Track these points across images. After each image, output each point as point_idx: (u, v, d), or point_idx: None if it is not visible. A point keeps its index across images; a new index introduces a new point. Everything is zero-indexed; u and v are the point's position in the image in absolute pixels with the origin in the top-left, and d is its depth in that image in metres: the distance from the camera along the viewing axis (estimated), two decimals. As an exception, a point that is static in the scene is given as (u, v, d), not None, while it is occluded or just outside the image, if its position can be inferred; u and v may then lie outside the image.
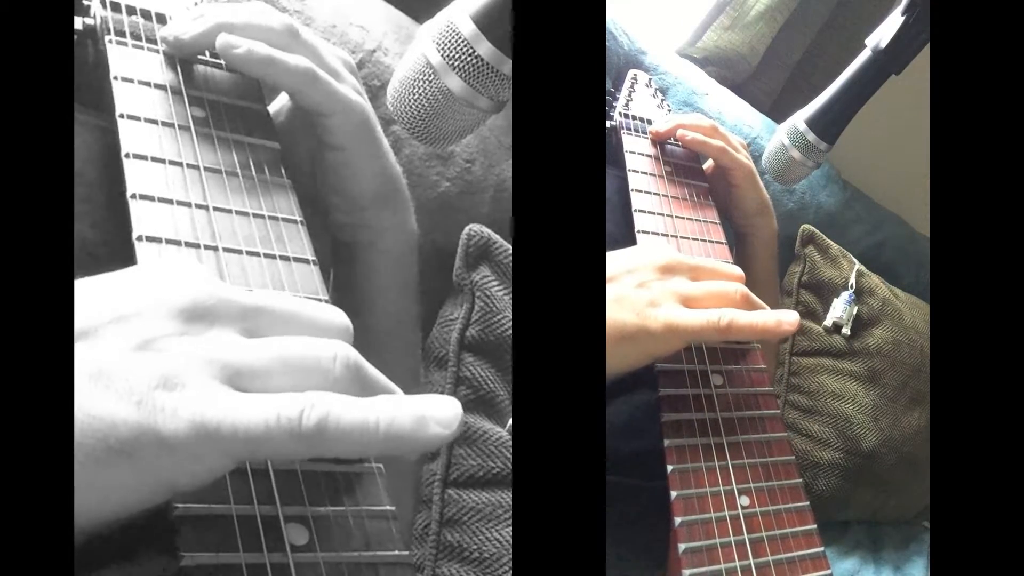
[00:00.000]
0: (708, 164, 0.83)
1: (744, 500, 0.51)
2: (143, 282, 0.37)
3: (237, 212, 0.48)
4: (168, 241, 0.45)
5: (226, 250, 0.46)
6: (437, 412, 0.36)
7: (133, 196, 0.46)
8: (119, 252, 0.45)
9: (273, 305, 0.39)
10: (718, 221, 0.73)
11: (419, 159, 0.86)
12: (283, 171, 0.53)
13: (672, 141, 0.81)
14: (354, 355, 0.38)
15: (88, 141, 0.51)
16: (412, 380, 0.62)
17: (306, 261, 0.49)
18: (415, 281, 0.63)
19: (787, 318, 0.55)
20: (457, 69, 0.53)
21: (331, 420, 0.34)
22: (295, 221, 0.50)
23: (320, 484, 0.40)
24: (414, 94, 0.55)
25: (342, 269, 0.60)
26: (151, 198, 0.46)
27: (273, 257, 0.48)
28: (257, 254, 0.47)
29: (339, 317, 0.40)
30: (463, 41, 0.53)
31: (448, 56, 0.53)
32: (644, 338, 0.53)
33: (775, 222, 0.85)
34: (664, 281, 0.56)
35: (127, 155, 0.48)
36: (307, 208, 0.52)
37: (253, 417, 0.34)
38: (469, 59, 0.53)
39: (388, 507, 0.40)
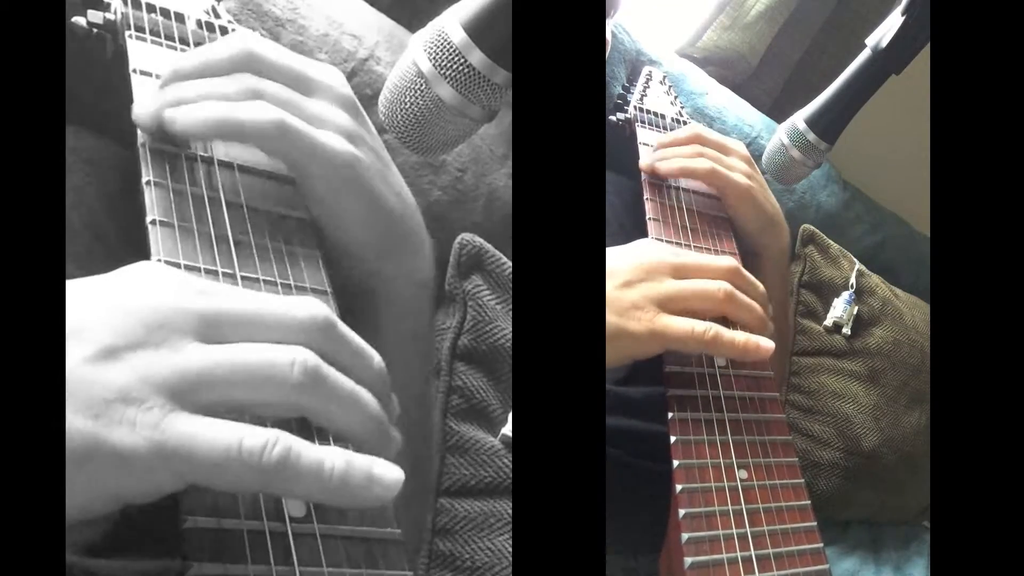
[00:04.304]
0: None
1: (743, 474, 0.53)
2: (106, 290, 0.37)
3: (257, 245, 0.48)
4: (188, 268, 0.45)
5: (244, 278, 0.46)
6: (384, 474, 0.37)
7: (152, 223, 0.46)
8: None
9: (236, 308, 0.37)
10: (731, 234, 0.73)
11: (411, 168, 0.86)
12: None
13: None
14: (313, 360, 0.37)
15: (89, 158, 0.51)
16: (418, 433, 0.58)
17: (323, 292, 0.49)
18: (424, 330, 0.59)
19: (764, 343, 0.56)
20: (448, 78, 0.53)
21: (291, 458, 0.34)
22: (314, 256, 0.50)
23: None
24: (405, 103, 0.54)
25: (348, 317, 0.57)
26: (171, 226, 0.46)
27: (290, 287, 0.48)
28: (274, 283, 0.47)
29: (305, 310, 0.39)
30: (454, 50, 0.52)
31: (439, 65, 0.53)
32: (625, 340, 0.53)
33: (786, 237, 0.79)
34: (648, 282, 0.55)
35: (147, 183, 0.48)
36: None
37: (213, 443, 0.33)
38: (460, 68, 0.53)
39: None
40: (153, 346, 0.35)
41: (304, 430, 0.38)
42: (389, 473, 0.37)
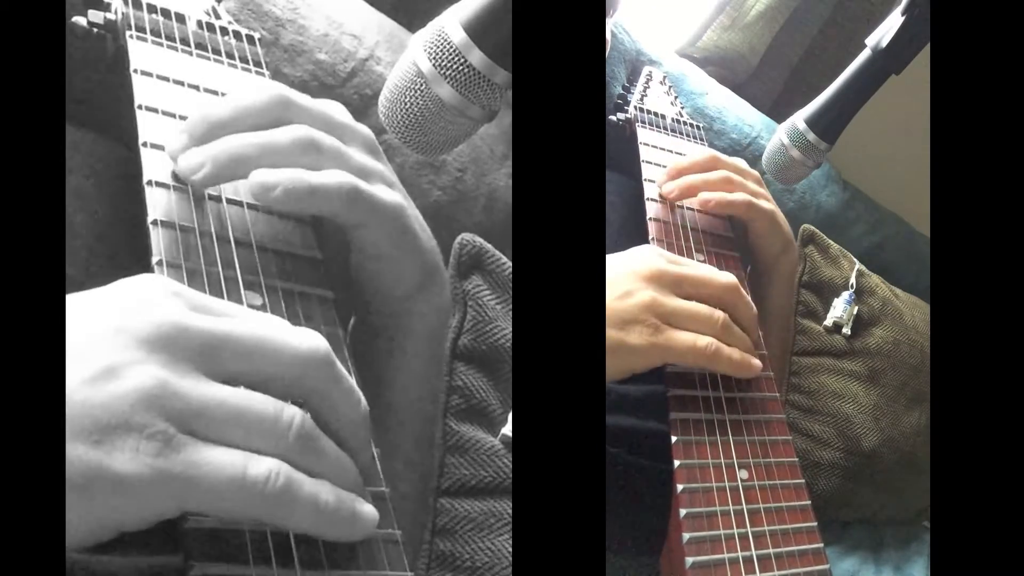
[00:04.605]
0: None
1: (743, 473, 0.53)
2: (105, 307, 0.36)
3: (258, 246, 0.48)
4: (189, 271, 0.44)
5: (246, 284, 0.46)
6: (364, 513, 0.38)
7: (154, 223, 0.46)
8: (118, 268, 0.44)
9: (237, 334, 0.37)
10: (731, 234, 0.73)
11: (411, 168, 0.86)
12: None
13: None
14: (308, 424, 0.37)
15: (91, 159, 0.51)
16: (427, 447, 0.59)
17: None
18: (441, 354, 0.60)
19: (756, 363, 0.57)
20: (448, 78, 0.53)
21: (293, 488, 0.35)
22: (316, 259, 0.50)
23: None
24: (405, 103, 0.54)
25: (367, 345, 0.56)
26: (171, 224, 0.46)
27: (292, 293, 0.47)
28: (276, 290, 0.47)
29: (306, 344, 0.38)
30: (454, 50, 0.52)
31: (439, 65, 0.53)
32: (624, 352, 0.53)
33: (796, 252, 0.78)
34: (649, 292, 0.55)
35: (149, 182, 0.48)
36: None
37: (218, 471, 0.34)
38: (460, 68, 0.52)
39: (384, 488, 0.42)
40: (155, 366, 0.34)
41: None
42: (368, 512, 0.38)
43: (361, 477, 0.40)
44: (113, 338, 0.34)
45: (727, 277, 0.59)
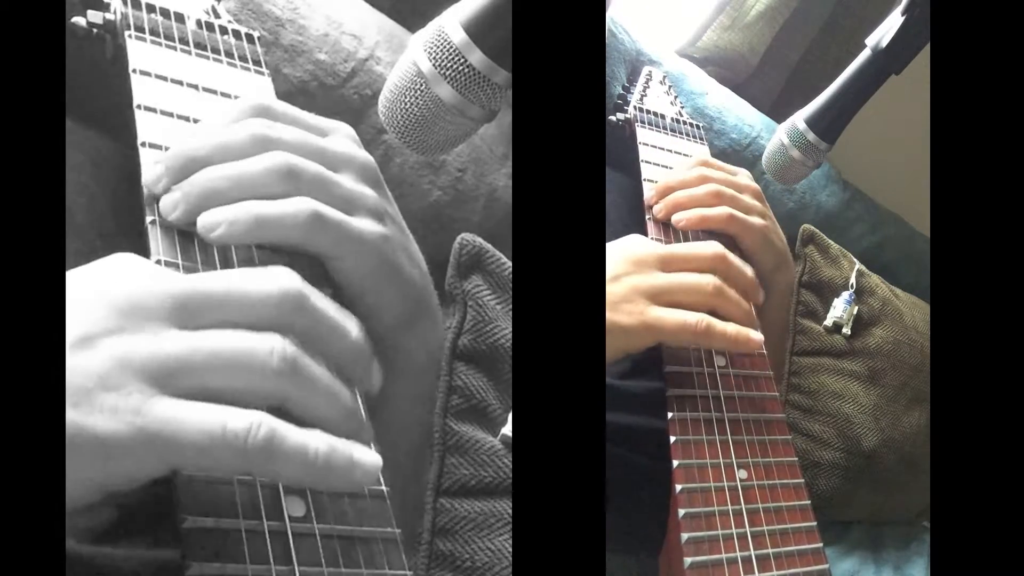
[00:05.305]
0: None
1: (742, 473, 0.53)
2: (80, 280, 0.37)
3: (256, 244, 0.47)
4: (187, 270, 0.44)
5: None
6: (364, 459, 0.37)
7: (152, 222, 0.46)
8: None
9: (206, 286, 0.37)
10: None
11: (411, 168, 0.86)
12: None
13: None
14: (291, 349, 0.37)
15: (93, 158, 0.51)
16: (414, 481, 0.58)
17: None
18: (431, 392, 0.59)
19: (754, 335, 0.57)
20: (448, 78, 0.53)
21: (276, 440, 0.34)
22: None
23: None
24: (405, 103, 0.54)
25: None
26: (170, 224, 0.46)
27: None
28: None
29: (277, 284, 0.38)
30: (454, 50, 0.52)
31: (439, 65, 0.53)
32: (616, 334, 0.53)
33: (793, 271, 0.75)
34: (636, 275, 0.56)
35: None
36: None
37: (197, 426, 0.34)
38: (460, 68, 0.52)
39: (383, 488, 0.41)
40: (129, 332, 0.35)
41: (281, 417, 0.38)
42: (369, 458, 0.37)
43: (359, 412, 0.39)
44: (88, 307, 0.35)
45: (713, 247, 0.59)
